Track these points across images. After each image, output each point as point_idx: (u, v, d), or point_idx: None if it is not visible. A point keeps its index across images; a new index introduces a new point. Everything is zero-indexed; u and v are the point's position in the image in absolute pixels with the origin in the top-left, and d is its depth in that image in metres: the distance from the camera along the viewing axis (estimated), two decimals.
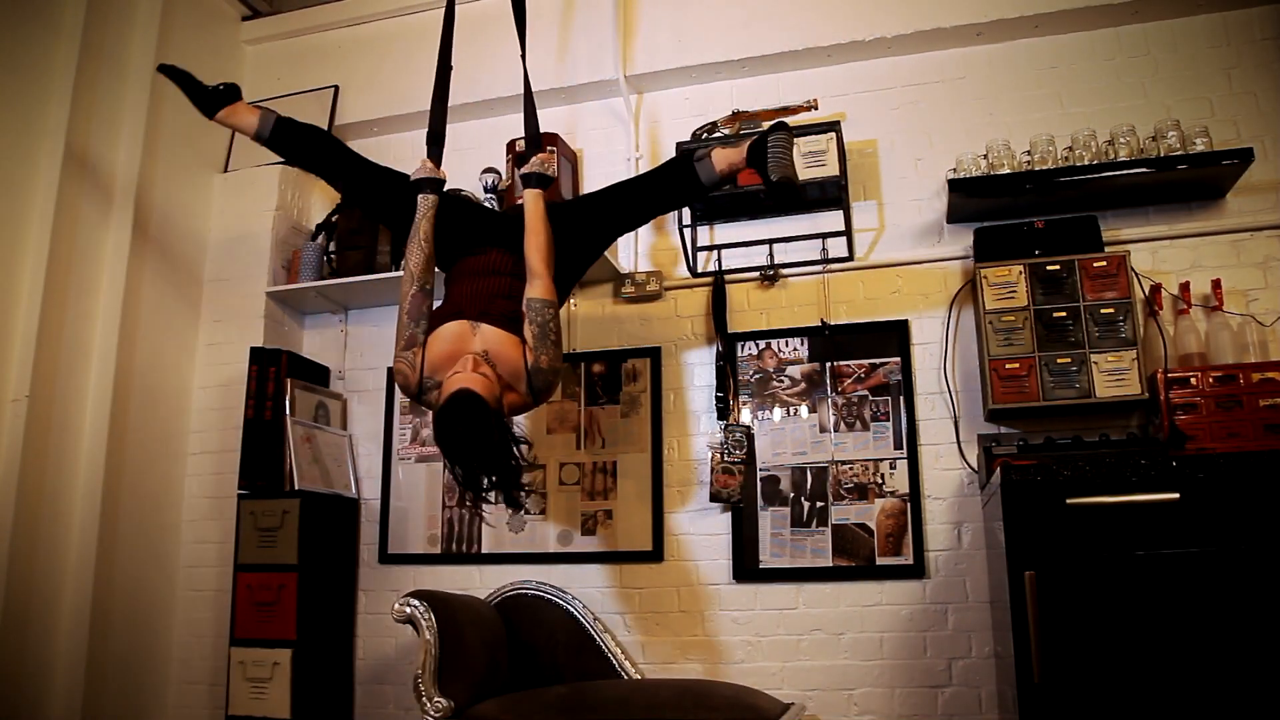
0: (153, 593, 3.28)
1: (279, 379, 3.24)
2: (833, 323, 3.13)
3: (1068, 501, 2.24)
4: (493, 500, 2.35)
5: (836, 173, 2.99)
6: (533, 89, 2.73)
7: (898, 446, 3.00)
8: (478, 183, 3.29)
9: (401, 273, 2.44)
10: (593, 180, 3.47)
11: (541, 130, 3.30)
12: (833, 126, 3.03)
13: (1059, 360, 2.74)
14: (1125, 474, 2.24)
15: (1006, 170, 2.92)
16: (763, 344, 3.19)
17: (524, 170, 2.52)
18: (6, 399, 2.94)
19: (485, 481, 2.28)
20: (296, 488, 3.13)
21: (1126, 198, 2.92)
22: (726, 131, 3.17)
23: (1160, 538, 2.18)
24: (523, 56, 2.87)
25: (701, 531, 3.11)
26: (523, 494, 2.34)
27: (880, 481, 2.99)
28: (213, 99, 2.66)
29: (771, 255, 3.22)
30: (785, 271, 3.22)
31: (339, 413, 3.51)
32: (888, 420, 3.03)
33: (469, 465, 2.23)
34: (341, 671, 3.24)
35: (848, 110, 3.27)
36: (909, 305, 3.10)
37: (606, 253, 3.18)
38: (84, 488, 3.06)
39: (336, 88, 3.72)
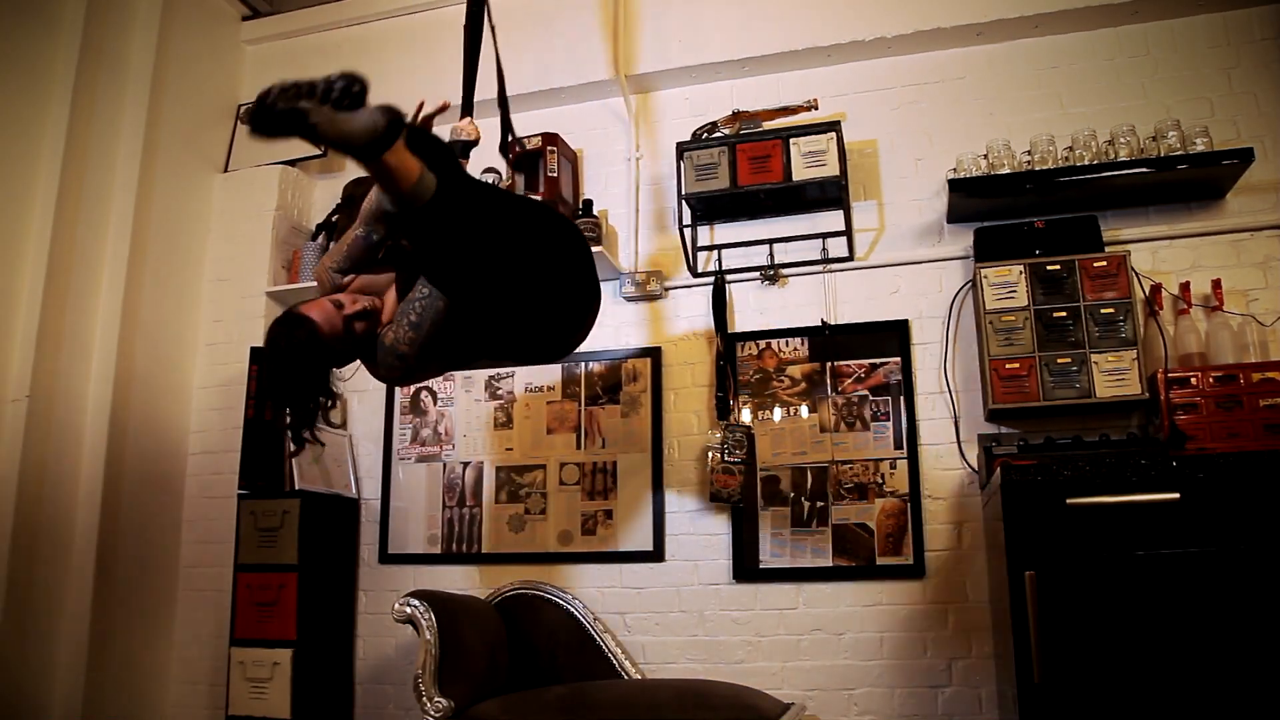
0: (153, 593, 3.28)
1: None
2: (833, 323, 3.13)
3: (1068, 501, 2.24)
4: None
5: (836, 173, 2.99)
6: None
7: (898, 446, 3.00)
8: None
9: None
10: (593, 180, 3.47)
11: (542, 130, 3.32)
12: (833, 126, 3.04)
13: (1059, 360, 2.74)
14: (1125, 474, 2.24)
15: (1006, 170, 2.91)
16: (763, 344, 3.19)
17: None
18: (6, 399, 2.94)
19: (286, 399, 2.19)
20: (296, 488, 3.13)
21: (1126, 198, 2.92)
22: (726, 131, 3.17)
23: (1160, 538, 2.18)
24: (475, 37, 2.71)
25: (701, 531, 3.11)
26: (301, 437, 2.18)
27: (880, 481, 2.99)
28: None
29: (772, 255, 3.22)
30: (785, 271, 3.22)
31: (339, 413, 3.51)
32: (888, 420, 3.03)
33: (281, 383, 2.14)
34: (341, 671, 3.24)
35: (848, 110, 3.27)
36: (909, 305, 3.10)
37: (606, 253, 3.19)
38: (84, 488, 3.06)
39: None
